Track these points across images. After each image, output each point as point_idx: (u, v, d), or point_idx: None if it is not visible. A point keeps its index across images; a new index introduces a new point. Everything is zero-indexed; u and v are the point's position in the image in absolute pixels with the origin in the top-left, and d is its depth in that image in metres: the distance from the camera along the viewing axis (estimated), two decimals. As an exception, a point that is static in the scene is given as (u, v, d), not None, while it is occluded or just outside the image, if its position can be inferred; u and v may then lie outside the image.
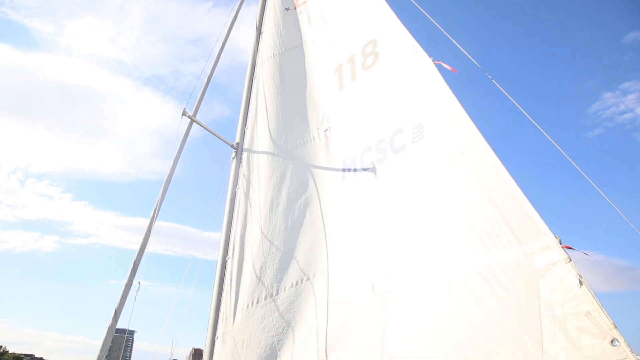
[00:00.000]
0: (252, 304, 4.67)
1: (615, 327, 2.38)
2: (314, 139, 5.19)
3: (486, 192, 3.10)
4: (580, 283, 2.52)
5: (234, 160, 5.63)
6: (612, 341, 2.38)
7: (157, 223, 6.25)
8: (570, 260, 2.59)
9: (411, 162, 3.85)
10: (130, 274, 5.93)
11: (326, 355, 3.78)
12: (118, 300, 5.89)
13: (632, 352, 2.31)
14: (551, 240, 2.67)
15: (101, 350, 5.86)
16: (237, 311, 4.77)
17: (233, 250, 5.10)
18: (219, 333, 4.78)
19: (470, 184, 3.26)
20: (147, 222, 5.39)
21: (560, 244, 2.63)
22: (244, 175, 5.51)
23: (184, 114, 5.44)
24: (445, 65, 3.85)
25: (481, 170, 3.23)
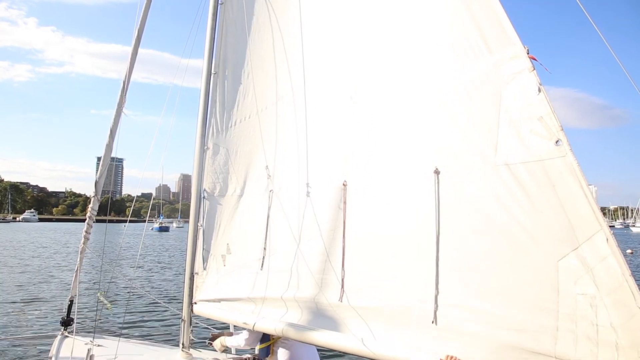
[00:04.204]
0: (245, 119, 5.00)
1: (562, 130, 2.71)
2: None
3: (466, 6, 3.13)
4: (539, 90, 2.77)
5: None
6: (556, 141, 2.74)
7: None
8: (534, 69, 2.80)
9: None
10: (121, 93, 6.12)
11: (307, 156, 4.24)
12: (112, 120, 6.20)
13: (571, 151, 2.69)
14: (520, 49, 2.84)
15: (102, 165, 6.38)
16: (229, 125, 5.12)
17: (219, 66, 5.20)
18: (209, 144, 5.20)
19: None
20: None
21: (528, 53, 2.81)
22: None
23: None
24: None
25: None
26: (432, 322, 3.22)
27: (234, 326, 5.34)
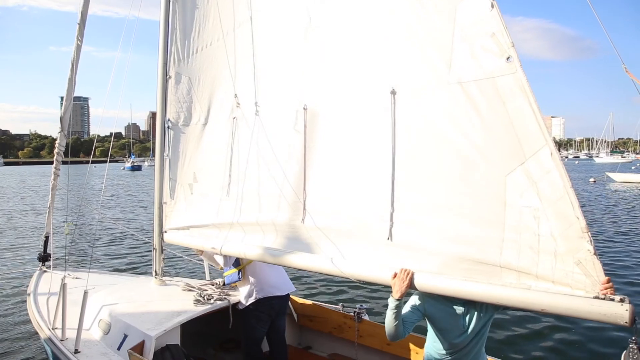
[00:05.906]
0: (207, 46, 4.86)
1: (513, 47, 2.74)
2: None
3: None
4: (492, 6, 2.77)
5: None
6: (507, 58, 2.77)
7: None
8: (488, -16, 2.77)
9: None
10: (80, 26, 5.83)
11: (268, 82, 4.21)
12: (73, 53, 5.98)
13: (521, 67, 2.74)
14: (475, -36, 2.79)
15: (66, 100, 6.19)
16: (191, 53, 4.99)
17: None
18: (171, 73, 5.07)
19: None
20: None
21: (483, -32, 2.77)
22: None
23: None
24: None
25: None
26: (388, 238, 3.39)
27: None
